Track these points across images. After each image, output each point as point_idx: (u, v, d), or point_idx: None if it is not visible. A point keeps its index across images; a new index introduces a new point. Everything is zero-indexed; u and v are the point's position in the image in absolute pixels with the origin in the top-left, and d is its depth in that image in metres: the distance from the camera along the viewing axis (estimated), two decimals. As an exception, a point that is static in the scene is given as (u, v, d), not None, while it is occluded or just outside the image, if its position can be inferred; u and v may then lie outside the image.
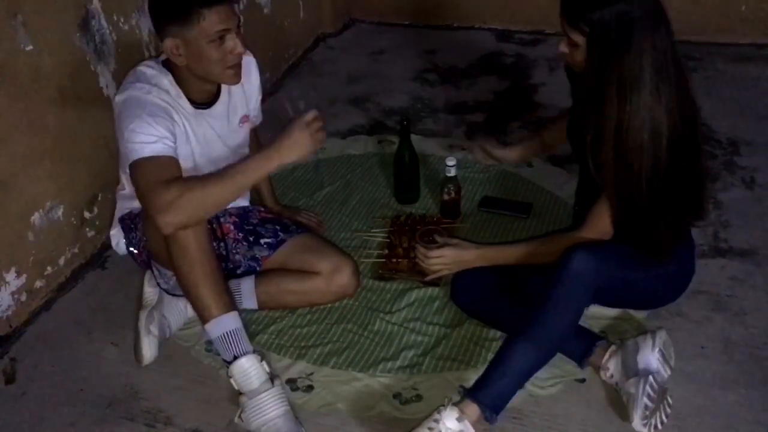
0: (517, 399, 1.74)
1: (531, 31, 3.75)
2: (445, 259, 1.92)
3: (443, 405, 1.58)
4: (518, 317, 1.69)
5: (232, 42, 1.68)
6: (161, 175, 1.62)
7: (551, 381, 1.79)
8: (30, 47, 1.94)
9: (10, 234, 1.99)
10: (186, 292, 1.72)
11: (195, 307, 1.72)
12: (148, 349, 1.88)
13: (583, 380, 1.79)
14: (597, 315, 1.95)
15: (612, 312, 1.95)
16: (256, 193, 2.21)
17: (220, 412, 1.76)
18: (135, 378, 1.88)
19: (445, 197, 2.33)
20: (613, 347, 1.75)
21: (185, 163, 1.76)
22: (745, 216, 2.33)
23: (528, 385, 1.77)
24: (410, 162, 2.40)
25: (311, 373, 1.86)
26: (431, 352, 1.91)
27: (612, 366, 1.72)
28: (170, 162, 1.66)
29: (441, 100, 3.18)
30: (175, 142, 1.70)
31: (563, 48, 1.65)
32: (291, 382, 1.84)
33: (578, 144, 1.75)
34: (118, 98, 1.72)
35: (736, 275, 2.10)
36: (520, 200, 2.44)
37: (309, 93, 3.28)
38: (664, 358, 1.72)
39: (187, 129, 1.80)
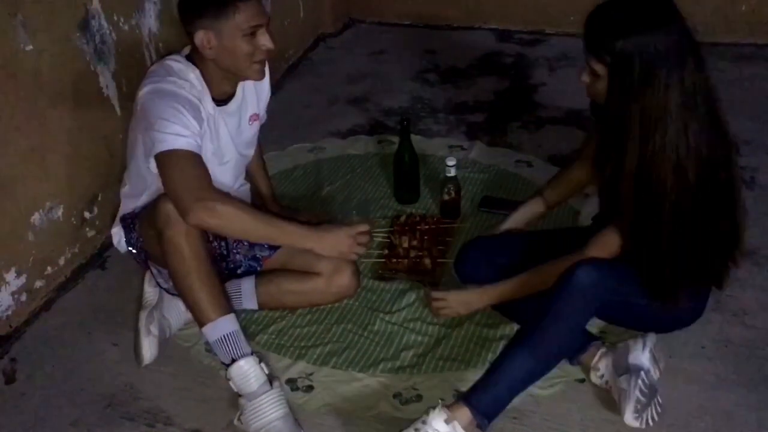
0: (517, 399, 1.74)
1: (531, 31, 3.75)
2: (449, 303, 1.91)
3: (433, 407, 1.58)
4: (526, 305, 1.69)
5: (264, 37, 1.71)
6: (200, 173, 1.66)
7: (551, 381, 1.78)
8: (30, 47, 1.94)
9: (10, 234, 1.98)
10: (182, 296, 1.73)
11: (191, 310, 1.73)
12: (148, 349, 1.87)
13: (583, 380, 1.78)
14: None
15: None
16: (255, 193, 2.21)
17: (220, 412, 1.76)
18: (135, 378, 1.88)
19: (445, 197, 2.33)
20: (604, 349, 1.75)
21: (204, 148, 1.78)
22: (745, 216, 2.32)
23: (528, 386, 1.78)
24: (410, 162, 2.40)
25: (311, 373, 1.86)
26: (431, 352, 1.91)
27: (603, 367, 1.72)
28: (202, 161, 1.69)
29: (441, 100, 3.18)
30: (201, 141, 1.72)
31: (585, 78, 1.59)
32: (291, 382, 1.84)
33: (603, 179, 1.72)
34: (147, 89, 1.71)
35: (736, 275, 2.09)
36: (520, 200, 2.43)
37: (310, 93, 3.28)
38: (655, 359, 1.70)
39: (210, 126, 1.81)
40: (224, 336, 1.69)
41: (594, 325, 1.92)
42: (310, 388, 1.82)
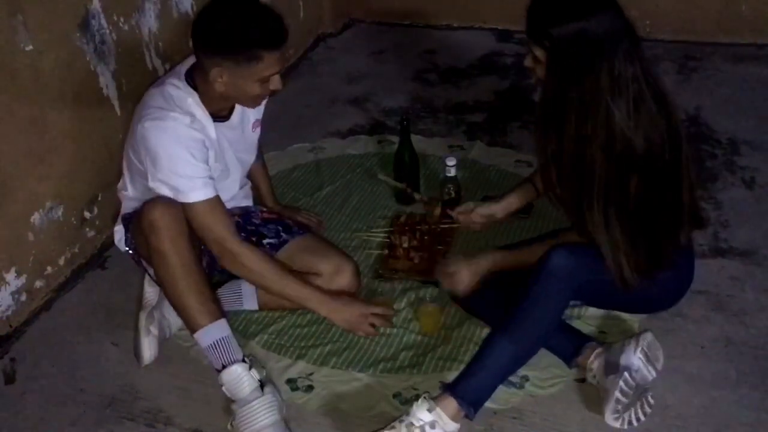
0: (517, 399, 1.75)
1: (531, 31, 3.75)
2: (450, 268, 1.90)
3: (415, 399, 1.60)
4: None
5: (276, 81, 1.71)
6: (223, 219, 1.76)
7: (551, 381, 1.79)
8: (30, 47, 1.94)
9: (10, 234, 1.98)
10: (172, 303, 1.74)
11: (182, 317, 1.74)
12: (148, 349, 1.87)
13: (583, 380, 1.78)
14: (597, 316, 1.95)
15: (612, 312, 1.95)
16: (256, 193, 2.21)
17: (220, 412, 1.76)
18: (135, 378, 1.88)
19: (445, 197, 2.33)
20: (599, 349, 1.74)
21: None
22: (745, 216, 2.33)
23: (528, 385, 1.78)
24: (410, 162, 2.39)
25: (311, 373, 1.86)
26: (431, 352, 1.91)
27: (595, 366, 1.72)
28: (220, 204, 1.77)
29: (441, 100, 3.18)
30: (211, 172, 1.76)
31: (528, 63, 1.62)
32: (291, 382, 1.84)
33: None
34: (150, 124, 1.68)
35: (736, 275, 2.10)
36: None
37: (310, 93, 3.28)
38: (648, 359, 1.70)
39: (215, 148, 1.81)
40: (215, 342, 1.70)
41: (594, 326, 1.93)
42: (310, 388, 1.82)
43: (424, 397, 1.59)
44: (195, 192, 1.70)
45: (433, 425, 1.56)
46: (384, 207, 2.48)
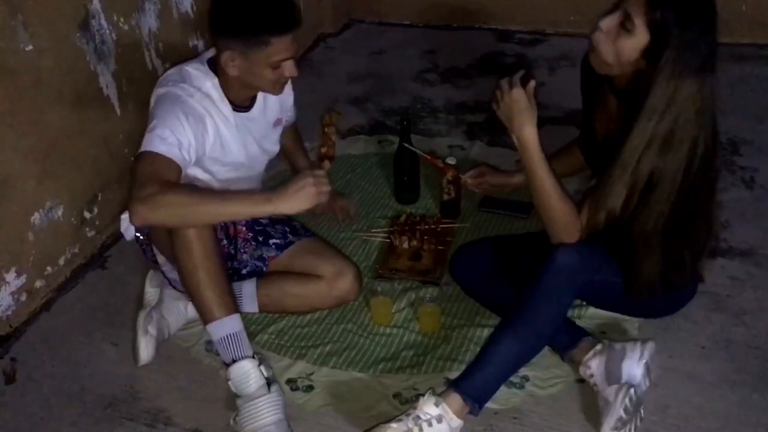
0: (517, 399, 1.75)
1: (531, 31, 3.75)
2: (508, 99, 1.72)
3: (421, 394, 1.61)
4: (511, 301, 1.69)
5: (289, 67, 1.71)
6: (159, 172, 1.60)
7: (551, 381, 1.79)
8: (30, 47, 1.94)
9: (10, 234, 1.98)
10: (189, 292, 1.72)
11: (197, 307, 1.72)
12: (145, 350, 1.87)
13: (583, 380, 1.78)
14: (597, 315, 1.95)
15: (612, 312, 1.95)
16: (290, 159, 2.26)
17: (220, 412, 1.76)
18: (135, 378, 1.88)
19: (445, 197, 2.33)
20: (599, 346, 1.71)
21: (230, 158, 1.81)
22: (745, 216, 2.33)
23: (528, 385, 1.78)
24: (410, 162, 2.39)
25: (311, 373, 1.86)
26: (431, 352, 1.91)
27: (594, 366, 1.69)
28: (174, 167, 1.64)
29: (441, 100, 3.18)
30: (192, 156, 1.69)
31: (605, 25, 1.49)
32: (291, 382, 1.84)
33: (594, 150, 1.70)
34: (159, 91, 1.73)
35: (736, 275, 2.10)
36: (520, 200, 2.44)
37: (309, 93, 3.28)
38: (648, 370, 1.68)
39: (222, 133, 1.80)
40: (228, 335, 1.69)
41: (594, 326, 1.93)
42: (310, 388, 1.82)
43: (430, 392, 1.60)
44: (162, 145, 1.62)
45: (440, 419, 1.57)
46: (384, 207, 2.48)
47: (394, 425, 1.57)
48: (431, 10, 3.89)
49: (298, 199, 1.59)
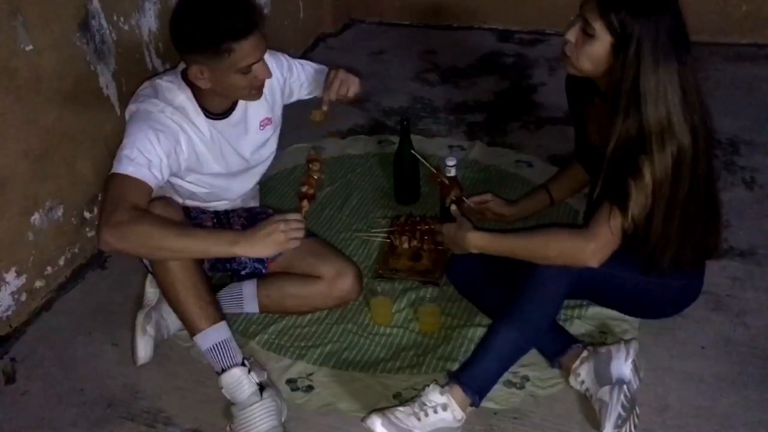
0: (517, 399, 1.75)
1: (531, 31, 3.76)
2: (444, 237, 1.89)
3: (426, 385, 1.63)
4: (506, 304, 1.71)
5: (260, 70, 1.67)
6: (128, 195, 1.58)
7: (551, 381, 1.79)
8: (30, 47, 1.94)
9: (10, 234, 1.98)
10: (171, 305, 1.73)
11: (181, 320, 1.73)
12: (143, 350, 1.88)
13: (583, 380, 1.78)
14: (597, 316, 1.95)
15: (612, 312, 1.95)
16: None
17: (220, 412, 1.76)
18: (135, 378, 1.88)
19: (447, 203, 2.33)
20: (585, 353, 1.72)
21: (207, 169, 1.79)
22: (745, 216, 2.33)
23: (528, 385, 1.78)
24: (410, 162, 2.39)
25: (311, 373, 1.86)
26: (431, 352, 1.91)
27: (583, 372, 1.70)
28: (143, 189, 1.62)
29: (441, 100, 3.18)
30: (164, 173, 1.67)
31: (570, 36, 1.56)
32: (291, 382, 1.84)
33: (592, 158, 1.71)
34: (131, 108, 1.70)
35: (736, 275, 2.10)
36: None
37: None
38: (636, 368, 1.69)
39: (198, 147, 1.77)
40: (215, 345, 1.70)
41: (594, 326, 1.92)
42: (310, 388, 1.82)
43: (435, 383, 1.63)
44: (130, 166, 1.60)
45: (444, 407, 1.59)
46: (384, 207, 2.48)
47: (401, 408, 1.60)
48: (431, 10, 3.90)
49: (265, 245, 1.62)
